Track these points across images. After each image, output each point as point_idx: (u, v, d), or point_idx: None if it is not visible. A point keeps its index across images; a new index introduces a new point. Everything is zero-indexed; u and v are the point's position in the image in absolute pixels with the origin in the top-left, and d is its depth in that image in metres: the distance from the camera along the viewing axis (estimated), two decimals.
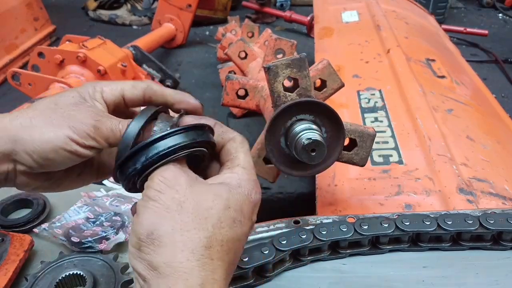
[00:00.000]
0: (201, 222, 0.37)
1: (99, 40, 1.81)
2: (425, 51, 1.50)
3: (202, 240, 0.36)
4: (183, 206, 0.37)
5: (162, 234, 0.36)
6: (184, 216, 0.37)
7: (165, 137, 0.40)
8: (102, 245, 0.74)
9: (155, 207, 0.37)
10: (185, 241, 0.36)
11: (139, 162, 0.40)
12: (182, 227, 0.36)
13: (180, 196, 0.38)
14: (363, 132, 0.70)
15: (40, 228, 0.78)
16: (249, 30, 2.09)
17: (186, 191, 0.38)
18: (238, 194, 0.40)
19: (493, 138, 1.04)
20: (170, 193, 0.38)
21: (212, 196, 0.39)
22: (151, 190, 0.38)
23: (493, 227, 0.62)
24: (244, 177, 0.42)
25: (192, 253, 0.35)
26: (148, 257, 0.36)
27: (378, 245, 0.65)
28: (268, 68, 0.63)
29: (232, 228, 0.38)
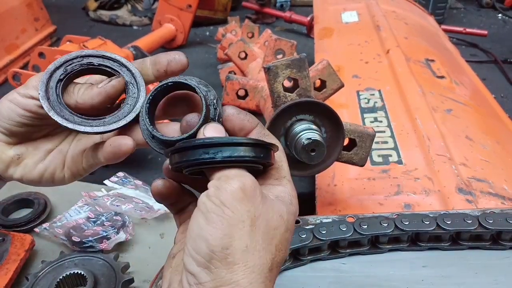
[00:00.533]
0: (269, 243, 0.36)
1: (99, 40, 1.81)
2: (425, 51, 1.51)
3: (268, 262, 0.36)
4: (257, 223, 0.36)
5: (235, 251, 0.34)
6: (256, 234, 0.36)
7: (248, 145, 0.38)
8: (103, 245, 0.74)
9: (230, 218, 0.35)
10: (256, 262, 0.35)
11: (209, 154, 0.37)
12: (254, 246, 0.35)
13: (255, 211, 0.36)
14: (362, 132, 0.70)
15: (41, 228, 0.79)
16: (249, 30, 2.10)
17: (259, 206, 0.36)
18: (292, 215, 0.39)
19: (492, 138, 1.05)
20: (247, 205, 0.36)
21: (277, 216, 0.38)
22: (228, 196, 0.35)
23: (492, 227, 0.63)
24: (292, 193, 0.41)
25: (259, 275, 0.35)
26: (218, 271, 0.34)
27: (378, 245, 0.65)
28: (268, 69, 0.63)
29: (286, 251, 0.38)
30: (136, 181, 0.92)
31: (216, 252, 0.34)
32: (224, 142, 0.37)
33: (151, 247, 0.80)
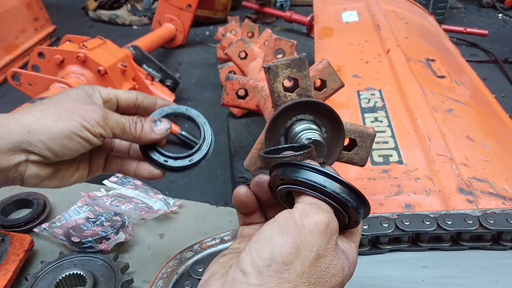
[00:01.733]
0: (321, 283, 0.37)
1: (99, 40, 1.81)
2: (425, 51, 1.50)
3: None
4: (320, 260, 0.37)
5: (293, 271, 0.36)
6: (315, 269, 0.37)
7: (356, 194, 0.40)
8: (102, 245, 0.74)
9: (302, 242, 0.37)
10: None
11: (316, 179, 0.39)
12: (308, 277, 0.37)
13: (325, 251, 0.38)
14: (363, 132, 0.70)
15: (40, 228, 0.78)
16: (249, 30, 2.10)
17: (331, 249, 0.38)
18: (350, 273, 0.41)
19: (493, 138, 1.05)
20: (322, 241, 0.37)
21: (339, 267, 0.39)
22: (311, 224, 0.37)
23: (493, 227, 0.62)
24: (356, 257, 0.43)
25: None
26: (269, 279, 0.35)
27: (378, 245, 0.65)
28: (268, 68, 0.63)
29: None
30: (135, 181, 0.92)
31: (277, 262, 0.36)
32: (339, 179, 0.39)
33: (151, 247, 0.80)
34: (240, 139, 1.57)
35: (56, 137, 0.47)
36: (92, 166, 0.57)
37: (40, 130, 0.46)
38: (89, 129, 0.48)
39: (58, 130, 0.47)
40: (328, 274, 0.38)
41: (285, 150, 0.45)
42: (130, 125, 0.52)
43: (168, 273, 0.59)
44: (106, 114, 0.50)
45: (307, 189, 0.39)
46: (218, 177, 1.71)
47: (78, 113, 0.48)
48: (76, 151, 0.49)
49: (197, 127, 0.58)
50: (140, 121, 0.53)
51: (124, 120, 0.52)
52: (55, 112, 0.48)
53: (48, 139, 0.46)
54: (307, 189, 0.40)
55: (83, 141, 0.48)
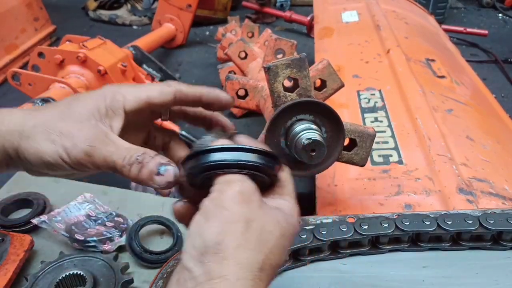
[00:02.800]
0: (261, 244, 0.38)
1: (99, 40, 1.81)
2: (425, 51, 1.50)
3: (259, 261, 0.37)
4: (251, 224, 0.38)
5: (227, 247, 0.37)
6: (249, 234, 0.38)
7: (250, 151, 0.40)
8: (106, 246, 0.74)
9: (225, 217, 0.38)
10: (246, 259, 0.37)
11: (217, 157, 0.39)
12: (246, 245, 0.37)
13: (250, 214, 0.38)
14: (363, 132, 0.70)
15: (39, 220, 0.77)
16: (249, 30, 2.10)
17: (256, 210, 0.39)
18: (290, 224, 0.42)
19: (493, 138, 1.05)
20: (243, 207, 0.38)
21: (274, 221, 0.40)
22: (227, 198, 0.38)
23: (493, 227, 0.62)
24: (294, 208, 0.44)
25: (249, 272, 0.37)
26: (210, 265, 0.36)
27: (378, 245, 0.65)
28: (268, 68, 0.63)
29: (280, 256, 0.40)
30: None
31: (210, 246, 0.36)
32: (235, 147, 0.40)
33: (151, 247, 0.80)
34: None
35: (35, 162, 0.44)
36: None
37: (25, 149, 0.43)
38: (68, 163, 0.43)
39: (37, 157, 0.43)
40: (265, 232, 0.38)
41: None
42: (123, 166, 0.42)
43: (168, 273, 0.59)
44: (93, 150, 0.42)
45: (214, 170, 0.40)
46: None
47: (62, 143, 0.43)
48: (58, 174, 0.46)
49: None
50: (137, 164, 0.42)
51: (115, 158, 0.42)
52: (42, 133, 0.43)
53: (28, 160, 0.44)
54: (215, 171, 0.40)
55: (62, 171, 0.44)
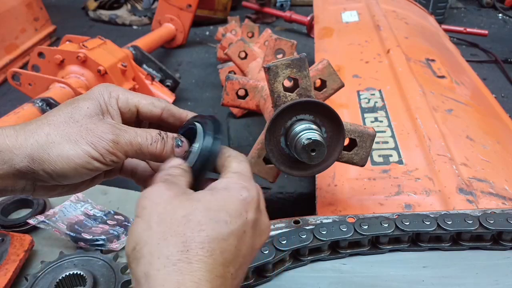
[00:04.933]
0: (178, 229, 0.37)
1: (99, 40, 1.81)
2: (425, 51, 1.50)
3: (177, 244, 0.36)
4: (162, 217, 0.38)
5: (142, 246, 0.37)
6: (162, 227, 0.38)
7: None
8: (113, 244, 0.74)
9: (140, 223, 0.39)
10: (161, 249, 0.36)
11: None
12: (159, 236, 0.37)
13: (160, 210, 0.39)
14: (363, 132, 0.70)
15: (36, 220, 0.76)
16: (249, 30, 2.10)
17: (166, 204, 0.39)
18: (221, 195, 0.41)
19: (493, 138, 1.04)
20: (152, 208, 0.39)
21: (191, 203, 0.39)
22: (138, 208, 0.40)
23: (493, 227, 0.62)
24: (232, 180, 0.43)
25: (167, 259, 0.36)
26: (133, 270, 0.37)
27: (378, 245, 0.65)
28: (268, 68, 0.63)
29: (215, 229, 0.38)
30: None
31: (129, 253, 0.38)
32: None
33: None
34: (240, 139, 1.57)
35: (60, 170, 0.42)
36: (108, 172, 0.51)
37: (44, 161, 0.42)
38: (98, 159, 0.43)
39: (62, 162, 0.42)
40: (177, 217, 0.38)
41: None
42: (149, 145, 0.45)
43: None
44: (118, 138, 0.44)
45: None
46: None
47: (85, 140, 0.42)
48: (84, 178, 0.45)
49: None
50: (162, 139, 0.46)
51: (140, 139, 0.45)
52: (60, 137, 0.42)
53: (52, 170, 0.42)
54: None
55: (91, 172, 0.44)
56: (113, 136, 0.43)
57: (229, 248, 0.38)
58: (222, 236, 0.38)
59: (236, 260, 0.39)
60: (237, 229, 0.39)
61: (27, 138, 0.42)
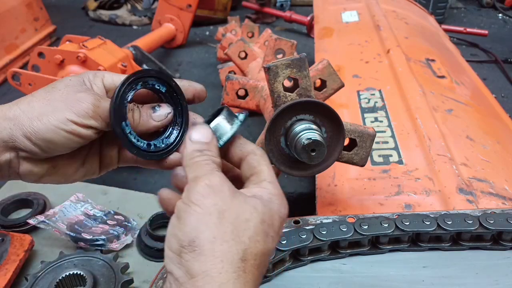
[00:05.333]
0: (239, 234, 0.37)
1: (99, 40, 1.81)
2: (425, 51, 1.50)
3: (239, 252, 0.37)
4: (225, 215, 0.38)
5: (203, 242, 0.36)
6: (224, 226, 0.37)
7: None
8: (114, 244, 0.74)
9: (197, 213, 0.37)
10: (224, 251, 0.36)
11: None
12: (222, 236, 0.37)
13: (222, 204, 0.38)
14: (363, 132, 0.70)
15: (36, 220, 0.76)
16: (249, 30, 2.10)
17: (228, 200, 0.38)
18: (271, 209, 0.41)
19: (493, 138, 1.04)
20: (213, 199, 0.38)
21: (250, 208, 0.39)
22: (195, 193, 0.38)
23: (493, 227, 0.62)
24: (273, 191, 0.43)
25: (230, 264, 0.36)
26: (188, 264, 0.36)
27: (378, 245, 0.65)
28: (268, 68, 0.63)
29: (265, 243, 0.39)
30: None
31: (185, 245, 0.36)
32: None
33: None
34: None
35: (39, 131, 0.42)
36: (103, 159, 0.51)
37: (24, 125, 0.42)
38: (76, 121, 0.43)
39: (40, 125, 0.42)
40: (241, 222, 0.38)
41: None
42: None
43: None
44: (98, 102, 0.44)
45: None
46: None
47: (65, 104, 0.43)
48: (65, 146, 0.44)
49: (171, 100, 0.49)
50: (137, 108, 0.47)
51: None
52: (41, 104, 0.43)
53: (31, 134, 0.42)
54: None
55: (70, 135, 0.43)
56: (93, 101, 0.44)
57: (267, 262, 0.40)
58: (268, 252, 0.39)
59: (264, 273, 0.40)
60: (275, 246, 0.41)
61: (11, 107, 0.44)
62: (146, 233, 0.77)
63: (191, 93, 0.51)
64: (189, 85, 0.50)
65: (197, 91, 0.51)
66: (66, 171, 0.49)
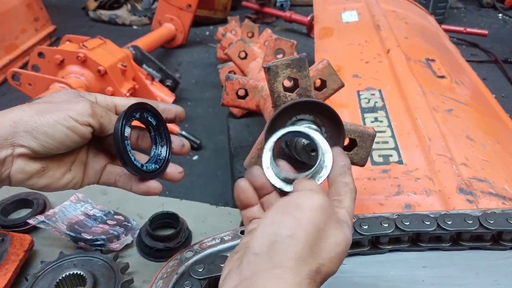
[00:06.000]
0: (326, 251, 0.41)
1: (99, 40, 1.81)
2: (425, 51, 1.50)
3: (318, 265, 0.40)
4: (320, 233, 0.41)
5: (297, 243, 0.39)
6: (319, 240, 0.41)
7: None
8: (113, 244, 0.74)
9: (301, 217, 0.40)
10: (307, 259, 0.39)
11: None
12: (313, 247, 0.40)
13: (325, 224, 0.41)
14: (363, 132, 0.70)
15: (36, 220, 0.76)
16: (249, 30, 2.10)
17: (331, 222, 0.42)
18: (348, 240, 0.44)
19: (493, 138, 1.04)
20: (320, 216, 0.41)
21: (343, 236, 0.43)
22: (307, 205, 0.42)
23: (493, 227, 0.62)
24: (350, 223, 0.46)
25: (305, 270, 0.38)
26: (276, 254, 0.38)
27: (378, 245, 0.65)
28: (268, 68, 0.63)
29: (336, 266, 0.42)
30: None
31: (282, 236, 0.39)
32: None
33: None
34: (240, 139, 1.58)
35: (40, 126, 0.45)
36: (88, 171, 0.54)
37: (25, 121, 0.45)
38: (75, 118, 0.47)
39: (42, 120, 0.46)
40: (332, 243, 0.41)
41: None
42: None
43: (168, 273, 0.59)
44: (94, 104, 0.49)
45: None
46: (218, 177, 1.71)
47: (65, 105, 0.48)
48: (63, 143, 0.47)
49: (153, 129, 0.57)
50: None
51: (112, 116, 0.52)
52: (43, 106, 0.48)
53: (32, 128, 0.45)
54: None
55: (69, 132, 0.47)
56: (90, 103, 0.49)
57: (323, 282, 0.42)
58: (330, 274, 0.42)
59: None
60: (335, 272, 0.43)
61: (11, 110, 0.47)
62: (146, 233, 0.77)
63: (173, 114, 0.58)
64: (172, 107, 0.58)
65: (178, 113, 0.58)
66: (54, 174, 0.50)
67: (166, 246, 0.75)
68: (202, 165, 1.77)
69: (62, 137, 0.47)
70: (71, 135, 0.47)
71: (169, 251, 0.75)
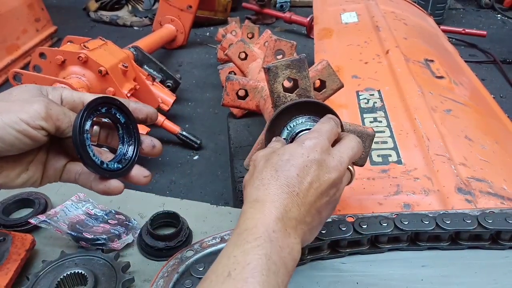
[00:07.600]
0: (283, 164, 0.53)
1: (100, 41, 1.81)
2: (424, 51, 1.51)
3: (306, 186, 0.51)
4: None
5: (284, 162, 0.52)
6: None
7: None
8: (115, 244, 0.74)
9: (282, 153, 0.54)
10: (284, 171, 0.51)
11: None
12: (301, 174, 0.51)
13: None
14: (362, 132, 0.70)
15: (38, 220, 0.76)
16: (249, 31, 2.10)
17: (288, 151, 0.54)
18: (295, 144, 0.56)
19: (492, 138, 1.05)
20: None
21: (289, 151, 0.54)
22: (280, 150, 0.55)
23: (491, 227, 0.63)
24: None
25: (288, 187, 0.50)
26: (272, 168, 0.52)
27: (377, 244, 0.65)
28: (268, 69, 0.64)
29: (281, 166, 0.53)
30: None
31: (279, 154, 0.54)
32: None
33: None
34: (240, 139, 1.58)
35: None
36: (47, 170, 0.52)
37: None
38: (28, 122, 0.44)
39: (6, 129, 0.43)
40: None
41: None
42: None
43: (168, 272, 0.60)
44: (51, 106, 0.46)
45: None
46: (218, 177, 1.71)
47: (19, 106, 0.44)
48: (15, 146, 0.45)
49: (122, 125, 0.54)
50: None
51: (73, 116, 0.48)
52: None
53: None
54: None
55: (21, 135, 0.44)
56: (46, 104, 0.46)
57: (290, 174, 0.50)
58: (284, 168, 0.51)
59: (300, 184, 0.50)
60: (298, 164, 0.51)
61: None
62: (147, 232, 0.78)
63: (145, 114, 0.55)
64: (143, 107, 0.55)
65: (149, 113, 0.56)
66: (8, 174, 0.49)
67: (167, 245, 0.76)
68: (202, 165, 1.77)
69: (13, 140, 0.44)
70: (22, 138, 0.44)
71: (170, 250, 0.75)
